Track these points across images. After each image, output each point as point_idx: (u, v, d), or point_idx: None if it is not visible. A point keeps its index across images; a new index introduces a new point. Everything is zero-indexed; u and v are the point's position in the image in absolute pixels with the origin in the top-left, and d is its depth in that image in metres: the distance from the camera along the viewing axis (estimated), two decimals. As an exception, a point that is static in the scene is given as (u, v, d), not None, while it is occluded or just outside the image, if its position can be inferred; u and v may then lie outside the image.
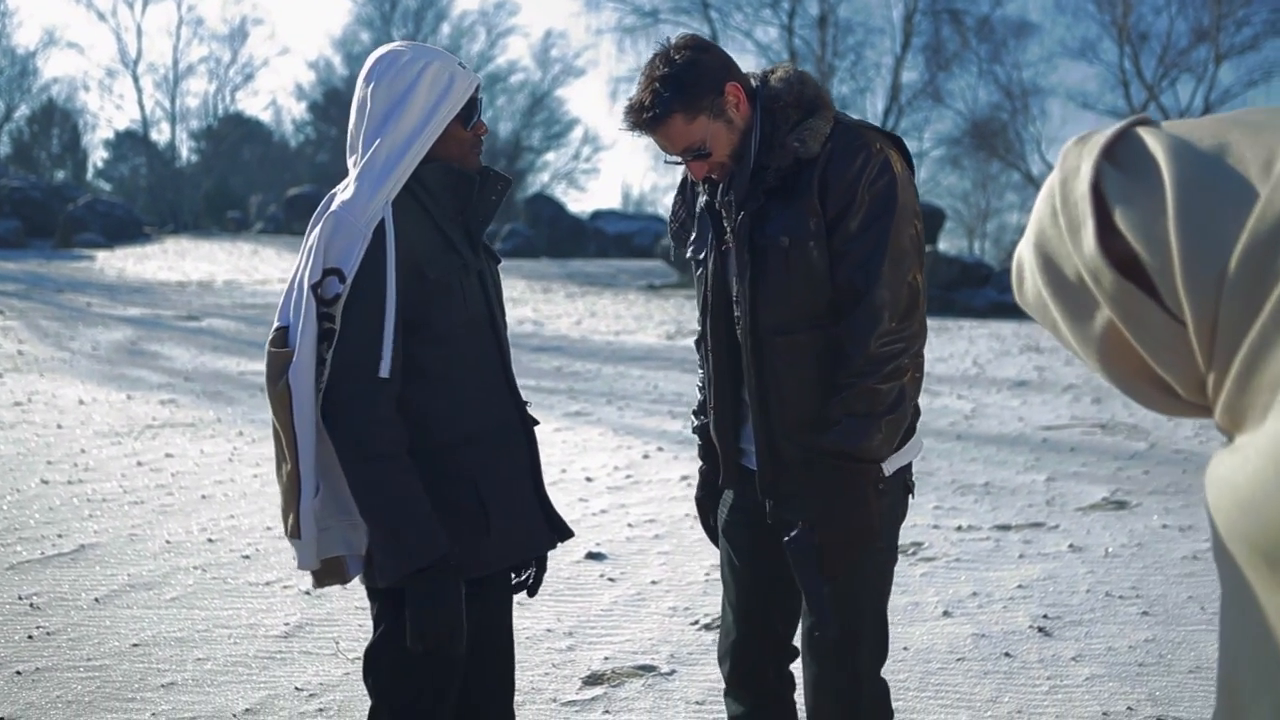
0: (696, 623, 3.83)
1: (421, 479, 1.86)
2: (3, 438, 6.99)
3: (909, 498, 2.12)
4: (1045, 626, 3.79)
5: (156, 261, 23.41)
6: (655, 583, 4.30)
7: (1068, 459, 6.74)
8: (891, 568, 2.12)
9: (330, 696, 3.21)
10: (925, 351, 1.99)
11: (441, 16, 42.69)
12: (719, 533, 2.25)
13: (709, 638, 3.65)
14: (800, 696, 2.19)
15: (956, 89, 37.23)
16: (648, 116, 1.94)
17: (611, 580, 4.33)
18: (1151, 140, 0.62)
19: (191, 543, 4.80)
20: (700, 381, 2.23)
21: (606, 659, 3.52)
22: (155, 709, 3.12)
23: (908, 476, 2.10)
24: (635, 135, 2.00)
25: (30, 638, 3.64)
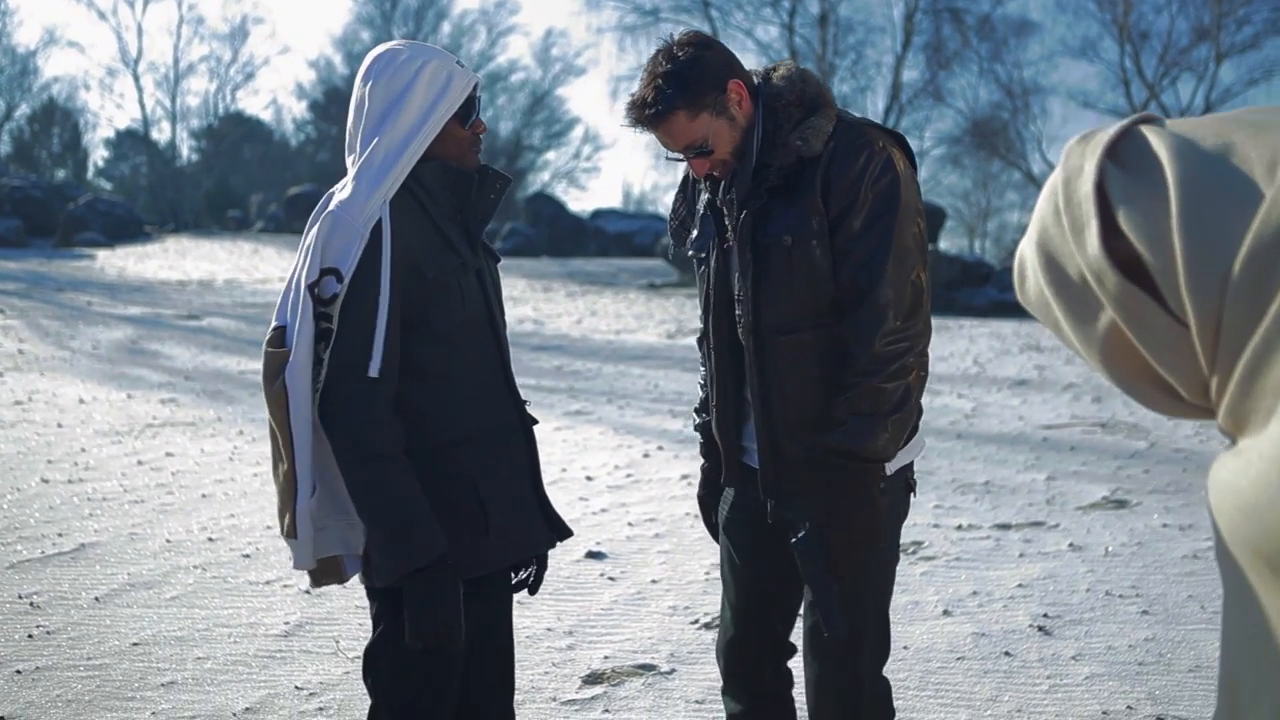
0: (696, 622, 3.82)
1: (420, 478, 1.85)
2: (3, 436, 6.99)
3: (910, 496, 2.12)
4: (1045, 625, 3.78)
5: (157, 260, 23.41)
6: (655, 582, 4.30)
7: (1068, 458, 6.74)
8: (893, 567, 2.12)
9: (330, 695, 3.21)
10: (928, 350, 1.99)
11: (442, 15, 42.74)
12: (719, 530, 2.25)
13: (709, 637, 3.65)
14: (800, 694, 2.19)
15: (957, 88, 37.19)
16: (650, 113, 1.94)
17: (612, 579, 4.33)
18: (1155, 140, 0.61)
19: (192, 542, 4.80)
20: (702, 379, 2.23)
21: (606, 658, 3.51)
22: (155, 708, 3.11)
23: (909, 475, 2.10)
24: (637, 131, 1.99)
25: (30, 637, 3.64)
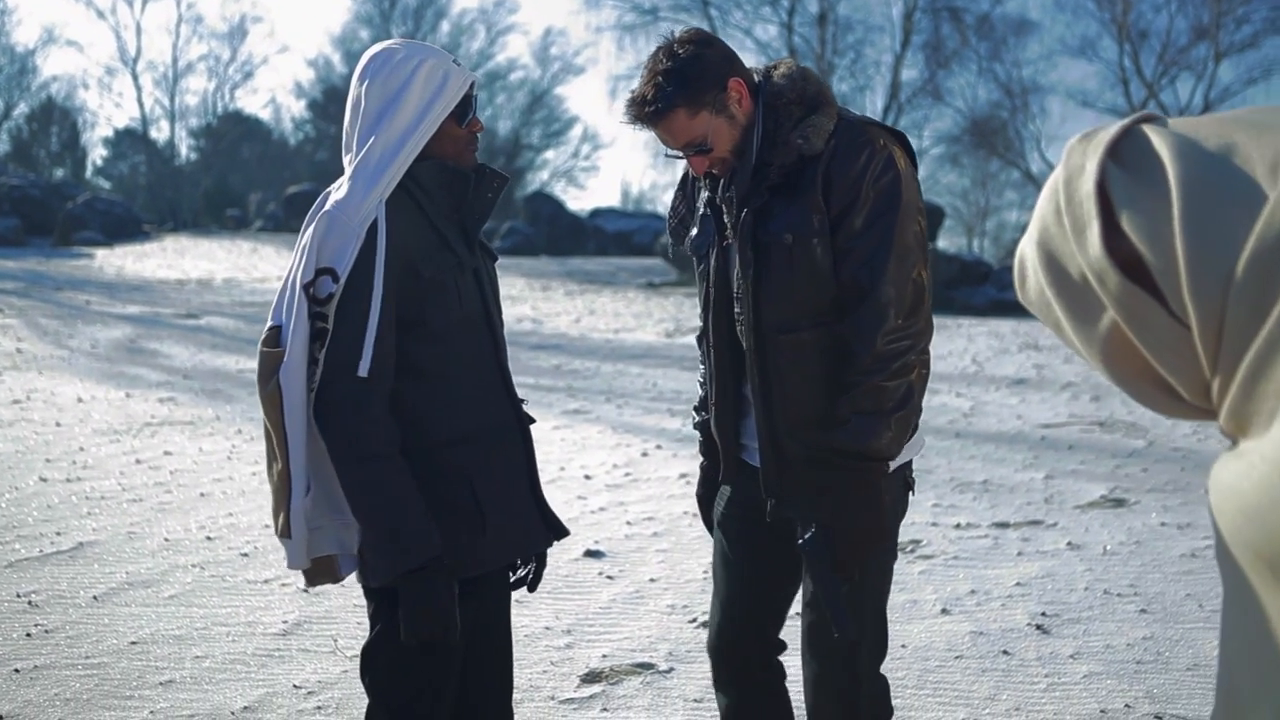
0: (695, 620, 3.82)
1: (417, 477, 1.85)
2: (1, 435, 6.98)
3: (909, 495, 2.12)
4: (1043, 624, 3.78)
5: (156, 259, 23.39)
6: (654, 580, 4.30)
7: (1066, 457, 6.74)
8: (891, 565, 2.12)
9: (328, 694, 3.20)
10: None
11: (441, 14, 42.62)
12: (714, 525, 2.24)
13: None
14: (797, 692, 2.19)
15: (956, 87, 37.12)
16: (650, 110, 1.93)
17: (610, 578, 4.33)
18: (1157, 139, 0.61)
19: (190, 540, 4.80)
20: (701, 377, 2.23)
21: (605, 657, 3.51)
22: (153, 707, 3.11)
23: (908, 473, 2.09)
24: (637, 128, 1.99)
25: (29, 635, 3.63)
